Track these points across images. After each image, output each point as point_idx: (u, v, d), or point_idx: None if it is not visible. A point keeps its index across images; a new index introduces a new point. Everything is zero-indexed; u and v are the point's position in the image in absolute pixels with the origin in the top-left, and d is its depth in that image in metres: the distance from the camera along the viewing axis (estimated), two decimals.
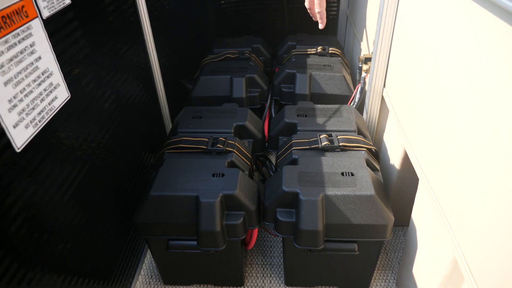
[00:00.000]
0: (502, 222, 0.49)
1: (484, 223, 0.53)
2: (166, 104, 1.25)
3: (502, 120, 0.49)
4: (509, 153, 0.48)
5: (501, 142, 0.49)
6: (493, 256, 0.51)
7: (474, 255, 0.56)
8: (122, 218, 0.94)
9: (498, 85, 0.50)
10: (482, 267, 0.54)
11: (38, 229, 0.62)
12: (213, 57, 1.36)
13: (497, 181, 0.50)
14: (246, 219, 0.84)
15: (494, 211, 0.51)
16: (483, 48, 0.54)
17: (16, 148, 0.57)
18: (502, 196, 0.49)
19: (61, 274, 0.69)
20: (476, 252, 0.56)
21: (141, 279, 1.04)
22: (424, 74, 0.76)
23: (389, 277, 1.02)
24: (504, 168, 0.49)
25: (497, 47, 0.50)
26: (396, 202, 1.03)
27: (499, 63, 0.50)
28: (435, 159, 0.71)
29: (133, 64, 1.03)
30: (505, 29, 0.48)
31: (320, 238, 0.80)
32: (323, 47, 1.37)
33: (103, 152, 0.84)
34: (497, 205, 0.50)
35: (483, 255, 0.54)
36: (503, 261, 0.49)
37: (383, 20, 0.95)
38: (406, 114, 0.87)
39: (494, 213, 0.51)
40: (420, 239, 0.81)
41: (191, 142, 0.95)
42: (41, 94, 0.62)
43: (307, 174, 0.84)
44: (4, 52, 0.54)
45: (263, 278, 1.03)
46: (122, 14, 0.95)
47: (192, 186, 0.83)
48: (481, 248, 0.54)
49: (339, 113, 1.06)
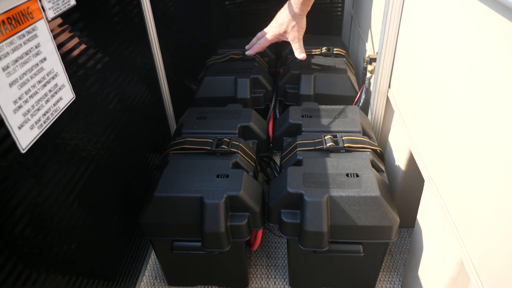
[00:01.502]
0: (509, 223, 0.49)
1: (491, 224, 0.53)
2: (170, 105, 1.25)
3: (509, 121, 0.49)
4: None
5: (507, 143, 0.49)
6: (499, 258, 0.51)
7: (480, 256, 0.56)
8: (127, 219, 0.94)
9: (504, 86, 0.50)
10: (488, 268, 0.54)
11: (43, 230, 0.62)
12: (218, 57, 1.36)
13: (503, 182, 0.50)
14: (251, 220, 0.84)
15: (501, 212, 0.50)
16: (490, 48, 0.54)
17: (21, 149, 0.57)
18: (509, 197, 0.49)
19: (65, 275, 0.69)
20: (482, 254, 0.55)
21: (145, 280, 1.04)
22: (430, 75, 0.76)
23: (395, 279, 1.01)
24: (510, 169, 0.48)
25: (505, 48, 0.50)
26: (401, 203, 1.02)
27: (506, 64, 0.49)
28: (440, 160, 0.70)
29: (138, 65, 1.03)
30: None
31: (324, 240, 0.80)
32: (327, 47, 1.37)
33: (108, 153, 0.84)
34: (503, 206, 0.50)
35: (490, 257, 0.53)
36: (510, 262, 0.49)
37: (388, 20, 0.95)
38: (412, 115, 0.87)
39: (500, 214, 0.51)
40: (426, 241, 0.81)
41: (196, 143, 0.95)
42: (46, 95, 0.63)
43: (312, 175, 0.84)
44: (9, 53, 0.55)
45: (268, 280, 1.02)
46: (126, 15, 0.96)
47: (197, 187, 0.83)
48: (488, 249, 0.54)
49: (344, 114, 1.05)
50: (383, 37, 0.98)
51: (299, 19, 1.15)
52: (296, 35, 1.18)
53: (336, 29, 1.75)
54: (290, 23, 1.16)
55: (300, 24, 1.17)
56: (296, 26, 1.16)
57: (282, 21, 1.17)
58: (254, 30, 1.10)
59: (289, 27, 1.17)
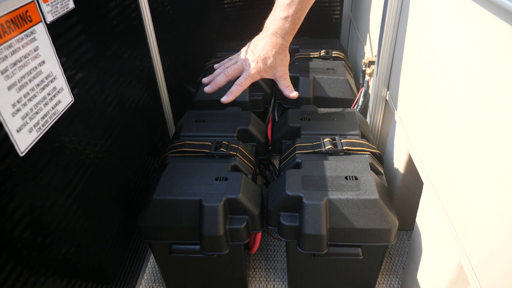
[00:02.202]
0: (508, 225, 0.49)
1: (490, 227, 0.53)
2: (169, 107, 1.25)
3: (509, 124, 0.49)
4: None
5: (506, 146, 0.49)
6: (499, 261, 0.51)
7: (479, 259, 0.56)
8: (125, 222, 0.93)
9: (504, 87, 0.50)
10: (488, 271, 0.54)
11: (41, 232, 0.62)
12: (217, 60, 1.36)
13: (502, 184, 0.50)
14: (250, 223, 0.84)
15: (500, 215, 0.50)
16: (488, 51, 0.54)
17: (20, 152, 0.57)
18: (508, 199, 0.49)
19: (64, 278, 0.68)
20: (481, 257, 0.55)
21: (144, 283, 1.04)
22: (429, 78, 0.76)
23: (394, 282, 1.01)
24: (510, 171, 0.48)
25: (504, 51, 0.50)
26: (400, 206, 1.02)
27: (506, 66, 0.50)
28: (439, 163, 0.70)
29: (136, 68, 1.03)
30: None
31: (323, 243, 0.80)
32: (326, 50, 1.37)
33: (106, 156, 0.84)
34: (503, 208, 0.50)
35: (489, 260, 0.53)
36: (509, 265, 0.49)
37: (386, 23, 0.95)
38: (410, 118, 0.87)
39: (499, 217, 0.51)
40: (425, 243, 0.81)
41: (194, 146, 0.95)
42: (45, 98, 0.63)
43: (311, 178, 0.84)
44: (8, 57, 0.55)
45: (267, 283, 1.02)
46: (125, 18, 0.96)
47: (195, 190, 0.83)
48: (487, 252, 0.54)
49: (342, 117, 1.05)
50: (382, 40, 0.98)
51: (286, 51, 1.03)
52: (285, 70, 1.05)
53: (334, 32, 1.75)
54: (277, 57, 1.01)
55: (286, 57, 1.04)
56: (284, 59, 1.03)
57: (266, 55, 1.00)
58: (253, 33, 1.10)
59: (277, 61, 1.02)
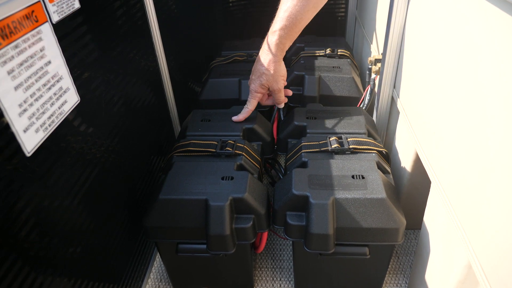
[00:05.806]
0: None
1: (499, 225, 0.52)
2: (174, 107, 1.25)
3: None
4: None
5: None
6: (508, 260, 0.50)
7: (489, 259, 0.55)
8: (132, 221, 0.94)
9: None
10: (497, 271, 0.53)
11: (48, 233, 0.62)
12: (222, 59, 1.36)
13: (511, 183, 0.49)
14: (256, 222, 0.83)
15: (509, 213, 0.50)
16: (498, 49, 0.53)
17: (27, 153, 0.57)
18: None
19: (70, 278, 0.69)
20: (491, 256, 0.55)
21: (150, 282, 1.04)
22: (436, 75, 0.75)
23: (401, 282, 1.00)
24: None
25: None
26: (407, 205, 1.01)
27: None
28: (447, 162, 0.69)
29: (142, 68, 1.03)
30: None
31: (330, 242, 0.79)
32: (331, 48, 1.36)
33: (112, 155, 0.85)
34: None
35: (498, 259, 0.53)
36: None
37: (393, 20, 0.94)
38: (417, 116, 0.86)
39: (509, 216, 0.50)
40: (433, 243, 0.80)
41: (200, 145, 0.95)
42: (51, 98, 0.63)
43: (317, 177, 0.83)
44: (14, 57, 0.55)
45: (273, 282, 1.02)
46: (130, 18, 0.96)
47: (201, 189, 0.83)
48: (496, 251, 0.53)
49: (348, 115, 1.05)
50: (388, 37, 0.97)
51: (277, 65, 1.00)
52: (277, 85, 1.02)
53: (340, 30, 1.74)
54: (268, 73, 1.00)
55: (277, 71, 1.00)
56: (275, 75, 1.00)
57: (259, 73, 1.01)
58: (258, 31, 1.09)
59: (269, 78, 1.01)
